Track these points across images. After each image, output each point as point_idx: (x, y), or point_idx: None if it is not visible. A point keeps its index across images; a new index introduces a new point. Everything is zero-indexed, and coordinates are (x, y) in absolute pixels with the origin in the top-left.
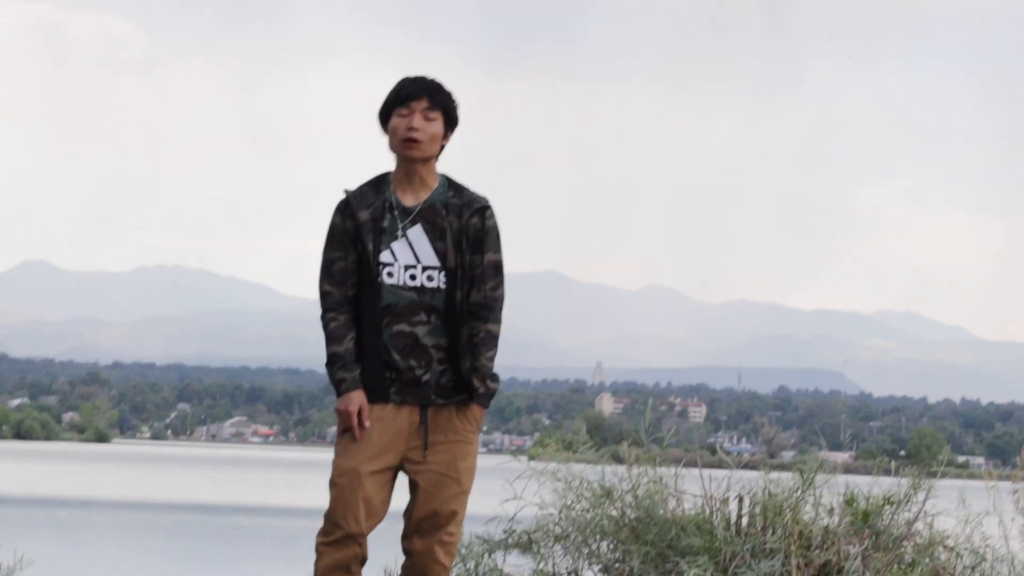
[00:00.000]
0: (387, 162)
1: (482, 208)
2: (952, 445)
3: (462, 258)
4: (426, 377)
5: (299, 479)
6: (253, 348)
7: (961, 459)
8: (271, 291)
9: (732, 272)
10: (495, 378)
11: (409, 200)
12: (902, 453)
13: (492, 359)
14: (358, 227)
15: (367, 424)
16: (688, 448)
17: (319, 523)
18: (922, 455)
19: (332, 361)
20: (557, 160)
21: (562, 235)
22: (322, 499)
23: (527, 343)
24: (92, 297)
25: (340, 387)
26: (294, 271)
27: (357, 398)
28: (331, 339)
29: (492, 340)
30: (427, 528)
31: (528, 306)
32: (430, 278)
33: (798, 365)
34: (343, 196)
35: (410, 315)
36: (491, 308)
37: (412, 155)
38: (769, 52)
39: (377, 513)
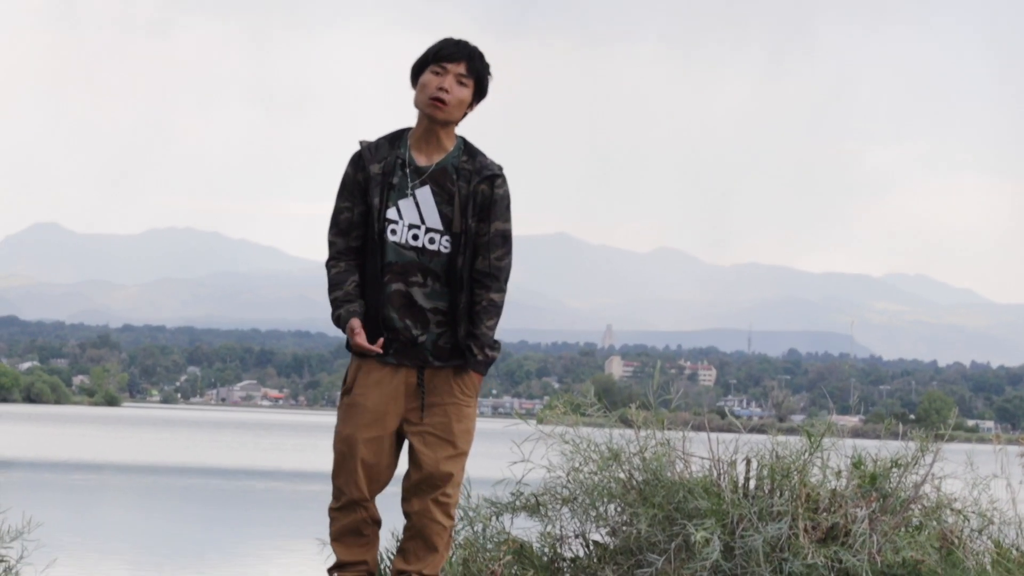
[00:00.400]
0: (402, 121)
1: (492, 176)
2: (962, 409)
3: (467, 224)
4: (422, 338)
5: (309, 443)
6: (264, 311)
7: (971, 423)
8: (282, 254)
9: (742, 234)
10: (495, 346)
11: (422, 160)
12: (912, 417)
13: (493, 328)
14: (368, 179)
15: (378, 348)
16: (697, 412)
17: (330, 487)
18: (932, 419)
19: (334, 305)
20: (568, 123)
21: (572, 197)
22: (331, 463)
23: (537, 306)
24: (103, 260)
25: (341, 322)
26: (305, 234)
27: (358, 323)
28: (332, 285)
29: (495, 309)
30: (423, 489)
31: (538, 269)
32: (432, 240)
33: (808, 328)
34: (358, 147)
35: (407, 275)
36: (496, 277)
37: (436, 115)
38: (781, 14)
39: (380, 478)
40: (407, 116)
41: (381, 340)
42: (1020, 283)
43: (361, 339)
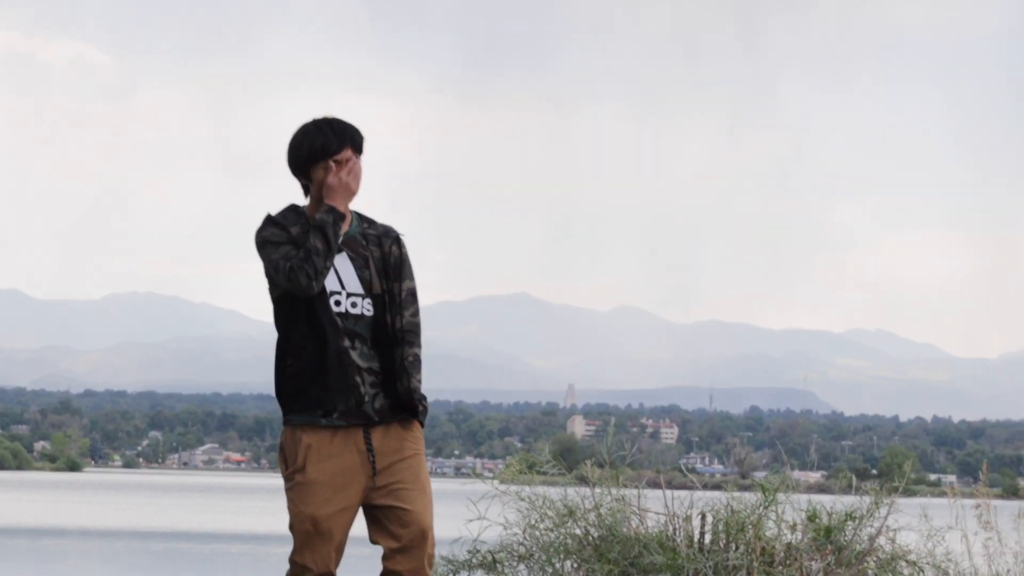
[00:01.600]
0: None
1: (397, 237)
2: (924, 463)
3: (387, 284)
4: (365, 396)
5: (272, 505)
6: (225, 374)
7: (933, 477)
8: (243, 316)
9: (704, 292)
10: (425, 400)
11: None
12: (874, 472)
13: (420, 381)
14: (292, 240)
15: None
16: (659, 469)
17: (290, 548)
18: (894, 473)
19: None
20: (528, 182)
21: (533, 257)
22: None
23: (499, 365)
24: (64, 325)
25: (325, 217)
26: (266, 296)
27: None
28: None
29: (419, 363)
30: (413, 546)
31: (499, 328)
32: (354, 304)
33: (770, 384)
34: (267, 218)
35: (339, 338)
36: (414, 333)
37: (351, 199)
38: (742, 77)
39: (341, 550)
40: (369, 179)
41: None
42: (981, 338)
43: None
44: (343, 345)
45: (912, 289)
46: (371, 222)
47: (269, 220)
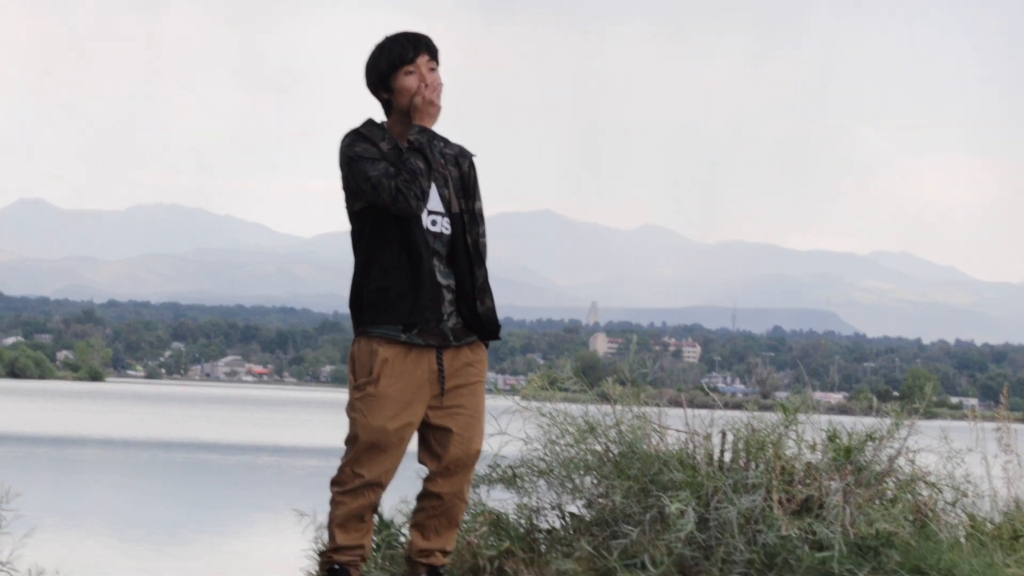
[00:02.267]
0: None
1: (471, 158)
2: (946, 386)
3: (465, 204)
4: (444, 315)
5: (293, 418)
6: (248, 287)
7: (955, 400)
8: (267, 230)
9: (728, 212)
10: (498, 321)
11: None
12: (895, 394)
13: (493, 301)
14: (384, 155)
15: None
16: (680, 388)
17: (315, 462)
18: (915, 396)
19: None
20: (555, 101)
21: (558, 175)
22: (317, 438)
23: (522, 282)
24: (88, 236)
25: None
26: (290, 210)
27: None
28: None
29: (488, 284)
30: (456, 470)
31: (523, 245)
32: (434, 223)
33: (793, 305)
34: (351, 131)
35: (424, 255)
36: (485, 254)
37: (434, 112)
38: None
39: (398, 463)
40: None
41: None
42: (1004, 261)
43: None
44: (431, 262)
45: (936, 212)
46: (446, 141)
47: (357, 134)
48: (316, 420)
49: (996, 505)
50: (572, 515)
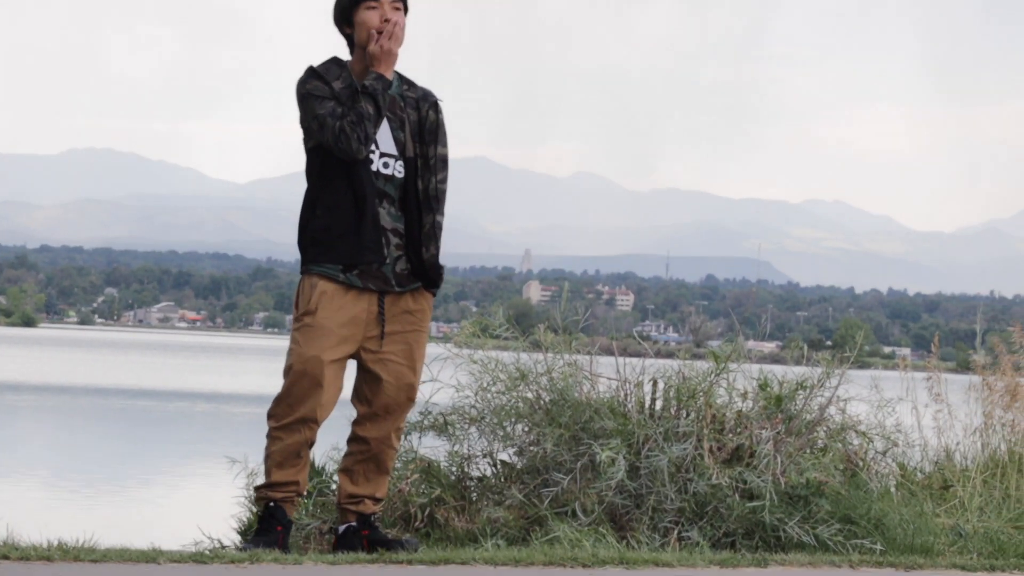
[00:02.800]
0: (328, 49)
1: (436, 102)
2: (879, 336)
3: (420, 148)
4: (387, 260)
5: (226, 364)
6: (182, 232)
7: (887, 349)
8: (201, 175)
9: (663, 161)
10: (441, 268)
11: None
12: (828, 343)
13: (439, 249)
14: (335, 94)
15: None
16: (613, 336)
17: (249, 408)
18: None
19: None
20: (490, 47)
21: (492, 121)
22: (250, 383)
23: (456, 230)
24: (21, 180)
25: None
26: (224, 156)
27: None
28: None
29: (439, 230)
30: (383, 416)
31: (457, 192)
32: (386, 165)
33: (726, 254)
34: (309, 68)
35: (371, 196)
36: (439, 200)
37: (393, 48)
38: None
39: (333, 400)
40: (330, 44)
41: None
42: (937, 211)
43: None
44: (376, 204)
45: (869, 161)
46: (411, 84)
47: (312, 72)
48: (250, 367)
49: (926, 455)
50: (503, 463)
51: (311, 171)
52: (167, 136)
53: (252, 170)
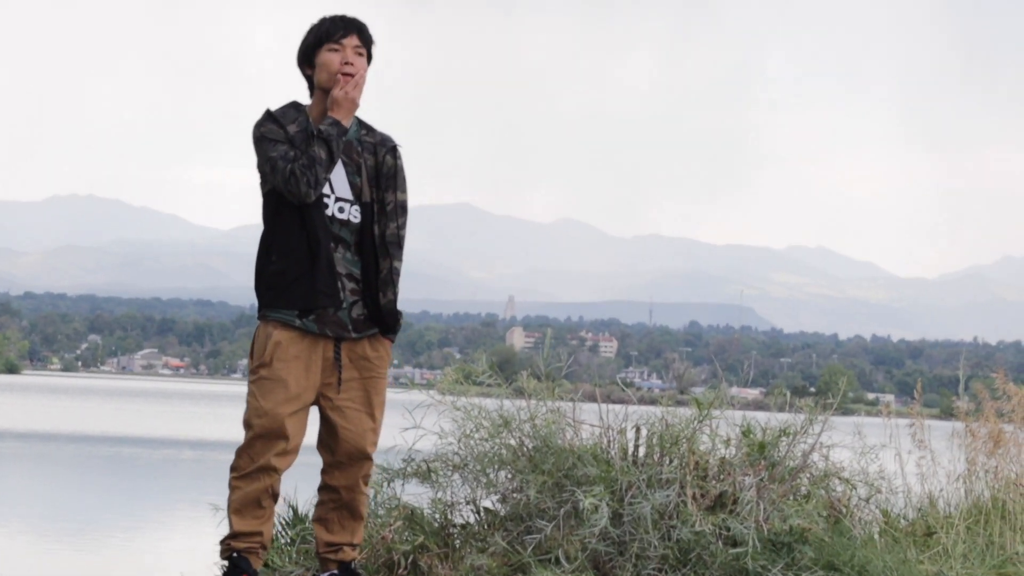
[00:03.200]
0: (305, 92)
1: (394, 147)
2: (863, 382)
3: (377, 194)
4: (343, 306)
5: (210, 411)
6: (165, 279)
7: (871, 396)
8: (184, 222)
9: (646, 207)
10: (399, 315)
11: None
12: (812, 389)
13: (396, 295)
14: (289, 139)
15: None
16: (596, 383)
17: (231, 455)
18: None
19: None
20: (474, 93)
21: (476, 167)
22: (233, 431)
23: (439, 276)
24: (4, 227)
25: (329, 137)
26: (207, 202)
27: None
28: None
29: (397, 276)
30: (350, 464)
31: (440, 239)
32: (341, 210)
33: (710, 300)
34: (266, 112)
35: (325, 241)
36: (397, 245)
37: (351, 92)
38: None
39: (295, 448)
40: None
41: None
42: (920, 257)
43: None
44: (331, 248)
45: (853, 207)
46: (369, 129)
47: (268, 115)
48: (234, 414)
49: (910, 501)
50: (486, 510)
51: (266, 215)
52: (150, 182)
53: (235, 216)
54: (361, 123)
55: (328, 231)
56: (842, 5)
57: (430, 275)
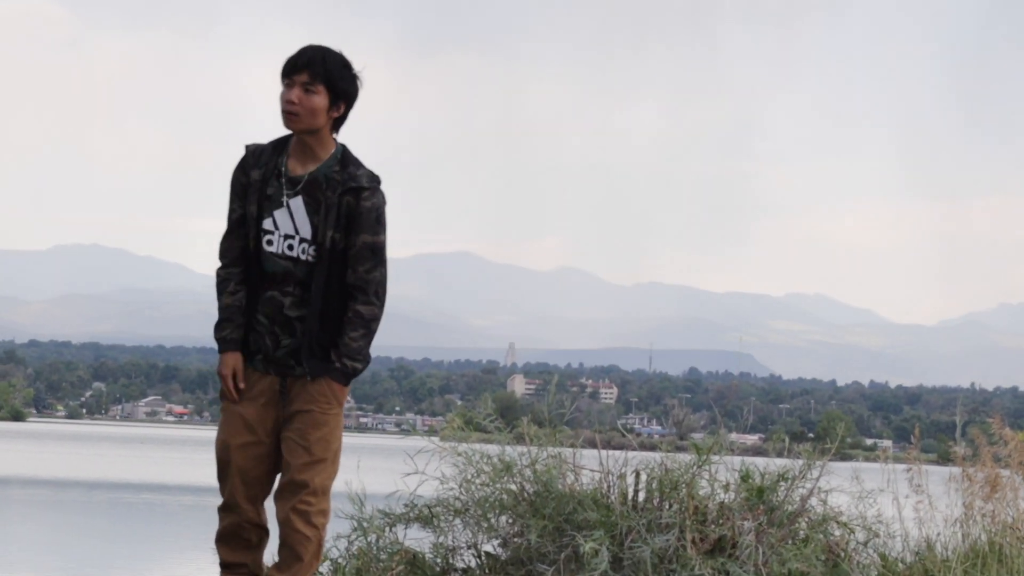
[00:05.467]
0: None
1: (357, 188)
2: (860, 428)
3: (329, 234)
4: (285, 345)
5: (212, 458)
6: (169, 327)
7: (869, 442)
8: (187, 270)
9: (645, 254)
10: (358, 358)
11: (298, 170)
12: (810, 435)
13: (358, 339)
14: (248, 185)
15: (241, 386)
16: (597, 429)
17: None
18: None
19: (219, 315)
20: (473, 142)
21: (476, 216)
22: None
23: (440, 324)
24: (9, 275)
25: (219, 345)
26: (210, 251)
27: (231, 360)
28: (219, 291)
29: (360, 321)
30: (285, 496)
31: (441, 286)
32: (304, 251)
33: (709, 347)
34: (246, 148)
35: (282, 284)
36: (363, 290)
37: (290, 127)
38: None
39: (257, 484)
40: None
41: (242, 386)
42: (918, 304)
43: (229, 384)
44: (278, 296)
45: (851, 255)
46: (346, 165)
47: (243, 158)
48: None
49: (908, 545)
50: (488, 554)
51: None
52: (154, 231)
53: None
54: (343, 158)
55: (267, 271)
56: (839, 56)
57: (431, 322)
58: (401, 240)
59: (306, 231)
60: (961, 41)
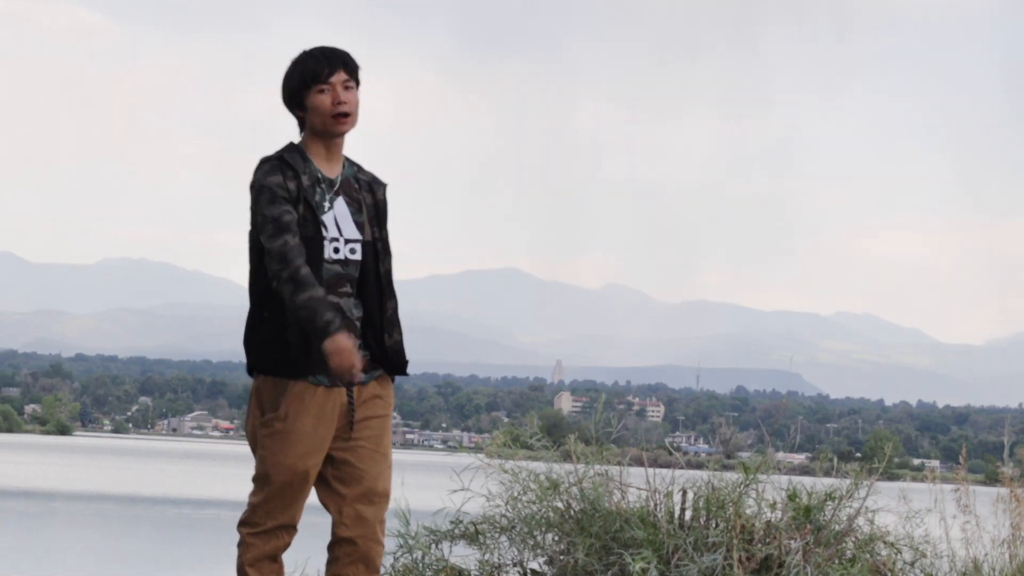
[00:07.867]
0: (369, 157)
1: (379, 184)
2: (908, 448)
3: (378, 232)
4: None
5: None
6: (215, 342)
7: (916, 461)
8: (234, 285)
9: (693, 272)
10: (406, 357)
11: (330, 172)
12: (858, 455)
13: (400, 337)
14: (302, 189)
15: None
16: (644, 447)
17: None
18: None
19: (312, 306)
20: (522, 159)
21: (525, 233)
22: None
23: (487, 340)
24: (57, 289)
25: (329, 327)
26: None
27: (351, 339)
28: (305, 284)
29: (397, 318)
30: (363, 509)
31: (489, 303)
32: (352, 251)
33: (757, 366)
34: (270, 158)
35: (338, 287)
36: (389, 285)
37: (343, 130)
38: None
39: (305, 501)
40: (366, 149)
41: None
42: (966, 323)
43: (355, 358)
44: (338, 300)
45: (899, 274)
46: (359, 166)
47: (278, 162)
48: None
49: (954, 566)
50: (534, 572)
51: (257, 262)
52: (202, 246)
53: None
54: (351, 161)
55: (337, 275)
56: (888, 71)
57: (479, 339)
58: (449, 257)
59: (351, 231)
60: (1018, 54)
